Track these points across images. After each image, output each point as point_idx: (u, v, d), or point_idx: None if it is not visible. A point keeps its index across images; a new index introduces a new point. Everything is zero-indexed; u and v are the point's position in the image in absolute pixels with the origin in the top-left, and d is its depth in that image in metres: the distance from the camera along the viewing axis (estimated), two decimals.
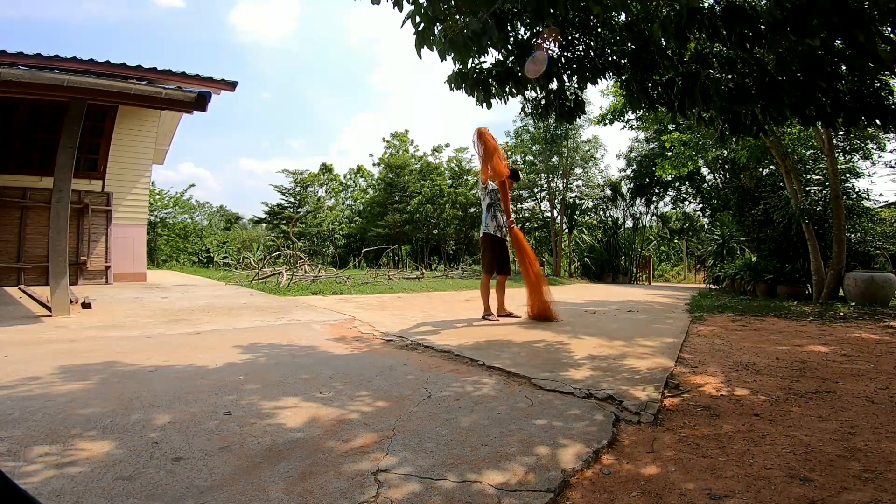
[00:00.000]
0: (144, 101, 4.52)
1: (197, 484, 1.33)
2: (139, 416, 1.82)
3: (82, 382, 2.23)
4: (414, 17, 2.43)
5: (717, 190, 13.29)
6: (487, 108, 3.08)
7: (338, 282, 8.68)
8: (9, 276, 6.78)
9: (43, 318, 4.13)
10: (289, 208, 24.40)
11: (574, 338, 3.76)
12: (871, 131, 8.05)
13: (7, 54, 5.26)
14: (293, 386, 2.30)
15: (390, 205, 21.07)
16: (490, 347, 3.31)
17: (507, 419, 1.91)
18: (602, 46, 2.96)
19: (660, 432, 1.83)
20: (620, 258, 16.15)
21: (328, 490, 1.31)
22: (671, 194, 17.18)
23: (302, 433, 1.72)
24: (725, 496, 1.33)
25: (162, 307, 5.07)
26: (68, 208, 4.42)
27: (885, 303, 6.66)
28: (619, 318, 5.22)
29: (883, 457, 1.59)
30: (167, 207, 18.87)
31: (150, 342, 3.29)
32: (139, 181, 8.35)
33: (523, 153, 16.54)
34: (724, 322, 5.04)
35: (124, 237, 7.95)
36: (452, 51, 2.48)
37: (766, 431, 1.82)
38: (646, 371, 2.72)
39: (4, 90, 3.97)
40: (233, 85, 6.72)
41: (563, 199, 16.07)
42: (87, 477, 1.34)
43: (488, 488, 1.35)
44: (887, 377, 2.66)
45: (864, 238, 7.95)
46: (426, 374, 2.60)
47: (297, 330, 3.94)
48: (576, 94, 3.24)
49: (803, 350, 3.45)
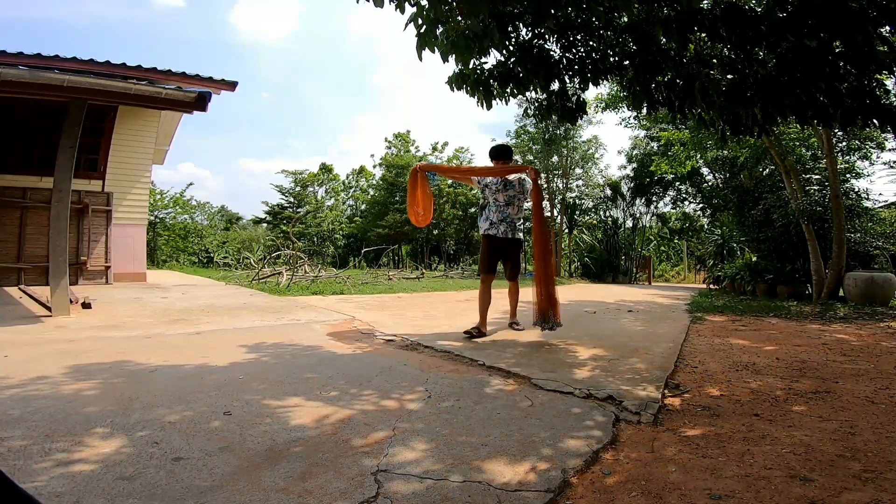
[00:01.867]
0: (144, 101, 4.52)
1: (197, 484, 1.33)
2: (139, 416, 1.82)
3: (82, 382, 2.23)
4: (416, 18, 2.43)
5: (717, 190, 13.28)
6: (488, 108, 3.08)
7: (338, 282, 8.68)
8: (9, 276, 6.77)
9: (43, 319, 4.13)
10: (289, 208, 24.39)
11: (574, 338, 3.76)
12: (869, 131, 8.05)
13: (7, 54, 5.26)
14: (293, 386, 2.31)
15: (391, 205, 21.06)
16: (490, 347, 3.31)
17: (507, 419, 1.91)
18: (604, 48, 2.96)
19: (660, 432, 1.83)
20: (620, 258, 16.15)
21: (328, 490, 1.32)
22: (671, 194, 17.17)
23: (302, 433, 1.72)
24: (725, 496, 1.33)
25: (162, 307, 5.07)
26: (68, 208, 4.42)
27: (885, 303, 6.66)
28: (619, 318, 5.22)
29: (883, 457, 1.59)
30: (167, 207, 18.86)
31: (151, 342, 3.29)
32: (139, 181, 8.34)
33: (523, 153, 16.53)
34: (724, 322, 5.04)
35: (124, 237, 7.94)
36: (454, 52, 2.48)
37: (766, 431, 1.82)
38: (646, 371, 2.72)
39: (4, 90, 3.97)
40: (233, 85, 6.72)
41: (563, 199, 16.07)
42: (87, 477, 1.34)
43: (489, 488, 1.35)
44: (887, 377, 2.67)
45: (864, 238, 7.95)
46: (426, 374, 2.60)
47: (298, 330, 3.94)
48: (577, 94, 3.24)
49: (803, 350, 3.45)
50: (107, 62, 5.64)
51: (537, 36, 2.86)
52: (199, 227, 20.70)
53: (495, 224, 3.96)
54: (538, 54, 2.75)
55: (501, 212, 3.94)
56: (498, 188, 3.95)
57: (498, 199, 3.97)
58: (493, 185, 3.97)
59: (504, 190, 3.93)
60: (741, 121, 2.94)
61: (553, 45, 2.92)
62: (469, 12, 2.29)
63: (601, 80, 3.02)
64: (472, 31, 2.40)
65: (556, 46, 2.93)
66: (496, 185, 3.96)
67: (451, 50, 2.46)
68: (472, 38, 2.39)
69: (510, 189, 3.92)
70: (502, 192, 3.94)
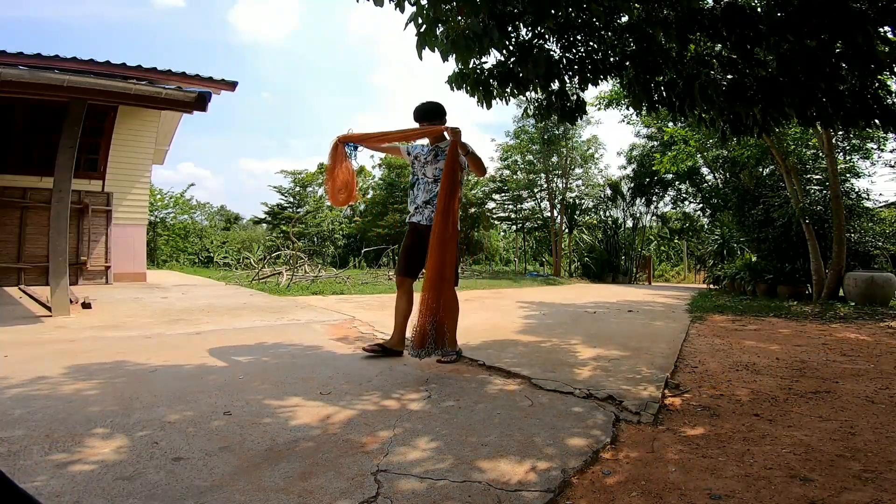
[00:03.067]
0: (144, 101, 4.51)
1: (197, 484, 1.33)
2: (139, 417, 1.82)
3: (83, 383, 2.23)
4: (416, 18, 2.43)
5: (717, 190, 13.28)
6: (488, 108, 3.08)
7: (338, 282, 8.68)
8: (9, 276, 6.77)
9: (43, 319, 4.13)
10: (288, 208, 24.38)
11: (574, 338, 3.76)
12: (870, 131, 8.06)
13: (7, 54, 5.26)
14: (293, 386, 2.31)
15: (391, 205, 21.06)
16: (491, 348, 3.31)
17: (507, 419, 1.91)
18: (604, 48, 2.96)
19: (660, 432, 1.83)
20: (620, 258, 16.16)
21: (328, 490, 1.32)
22: (671, 194, 17.18)
23: (302, 433, 1.72)
24: (725, 496, 1.33)
25: (162, 307, 5.07)
26: (68, 208, 4.42)
27: (885, 303, 6.66)
28: (619, 318, 5.22)
29: (883, 457, 1.59)
30: (167, 207, 18.87)
31: (151, 342, 3.29)
32: (139, 181, 8.34)
33: (523, 153, 16.53)
34: (724, 322, 5.04)
35: (124, 237, 7.94)
36: (454, 52, 2.48)
37: (766, 431, 1.82)
38: (646, 371, 2.72)
39: (4, 90, 3.96)
40: (233, 85, 6.72)
41: (563, 198, 16.07)
42: (87, 477, 1.34)
43: (489, 488, 1.35)
44: (887, 377, 2.67)
45: (864, 238, 7.96)
46: (426, 373, 2.60)
47: (298, 330, 3.94)
48: (577, 94, 3.24)
49: (803, 350, 3.45)
50: (107, 62, 5.64)
51: (537, 36, 2.86)
52: (200, 227, 20.71)
53: (420, 208, 3.00)
54: (538, 54, 2.75)
55: (430, 191, 2.97)
56: (427, 159, 3.00)
57: (426, 174, 3.00)
58: (423, 155, 3.03)
59: (434, 162, 2.97)
60: (741, 121, 2.95)
61: (553, 44, 2.92)
62: (469, 12, 2.29)
63: (601, 80, 3.03)
64: (471, 30, 2.40)
65: (556, 46, 2.94)
66: (425, 156, 3.02)
67: (451, 49, 2.46)
68: (471, 38, 2.39)
69: (442, 159, 2.91)
70: (431, 164, 2.98)
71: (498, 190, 19.75)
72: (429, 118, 2.99)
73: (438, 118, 3.00)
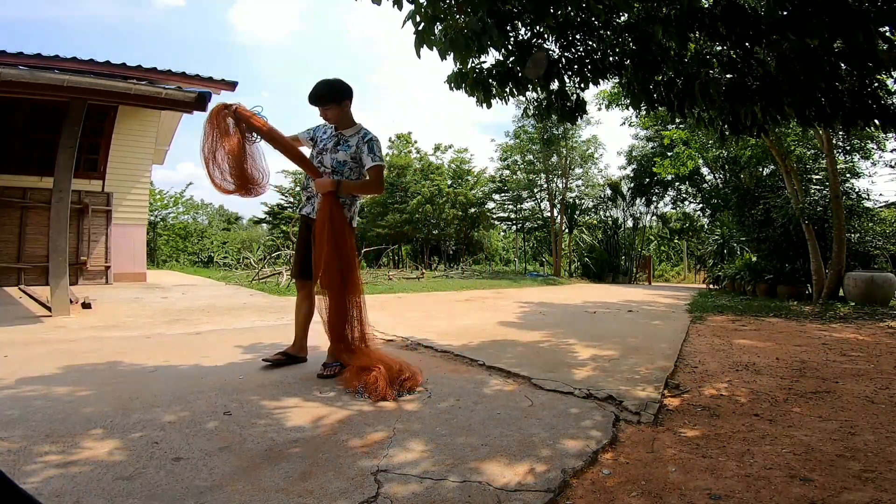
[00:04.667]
0: (144, 101, 4.52)
1: (197, 484, 1.33)
2: (139, 417, 1.82)
3: (82, 383, 2.23)
4: (414, 16, 2.43)
5: (717, 190, 13.29)
6: (487, 108, 3.08)
7: None
8: (9, 276, 6.78)
9: (43, 319, 4.13)
10: (288, 208, 24.39)
11: (574, 338, 3.76)
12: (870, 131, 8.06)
13: (7, 54, 5.25)
14: (293, 386, 2.30)
15: (391, 205, 21.07)
16: (490, 348, 3.31)
17: (506, 419, 1.90)
18: (603, 47, 2.96)
19: (660, 432, 1.83)
20: (620, 258, 16.17)
21: (328, 490, 1.31)
22: (671, 194, 17.19)
23: (302, 433, 1.72)
24: (725, 496, 1.33)
25: (162, 307, 5.06)
26: (68, 208, 4.42)
27: (885, 303, 6.66)
28: (619, 318, 5.22)
29: (883, 457, 1.59)
30: (167, 207, 18.88)
31: (151, 342, 3.29)
32: (139, 181, 8.35)
33: (523, 153, 16.53)
34: (724, 322, 5.04)
35: (124, 237, 7.95)
36: (452, 50, 2.48)
37: (766, 431, 1.82)
38: (646, 371, 2.72)
39: (4, 90, 3.97)
40: (233, 85, 6.72)
41: (563, 198, 16.07)
42: (87, 477, 1.34)
43: (488, 488, 1.35)
44: (887, 377, 2.66)
45: (864, 238, 7.96)
46: (426, 373, 2.60)
47: None
48: (577, 94, 3.24)
49: (803, 350, 3.45)
50: (107, 62, 5.63)
51: (536, 35, 2.86)
52: (200, 227, 20.74)
53: (313, 199, 2.63)
54: (538, 54, 2.74)
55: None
56: (326, 146, 2.59)
57: (323, 162, 2.57)
58: (324, 140, 2.62)
59: (333, 151, 2.56)
60: (741, 120, 2.94)
61: (552, 44, 2.92)
62: (468, 10, 2.29)
63: (601, 80, 3.02)
64: (470, 29, 2.40)
65: (556, 46, 2.93)
66: (325, 142, 2.61)
67: (450, 48, 2.46)
68: (470, 37, 2.39)
69: (343, 149, 2.54)
70: (331, 152, 2.57)
71: (498, 190, 19.78)
72: (322, 103, 2.51)
73: (335, 101, 2.51)
